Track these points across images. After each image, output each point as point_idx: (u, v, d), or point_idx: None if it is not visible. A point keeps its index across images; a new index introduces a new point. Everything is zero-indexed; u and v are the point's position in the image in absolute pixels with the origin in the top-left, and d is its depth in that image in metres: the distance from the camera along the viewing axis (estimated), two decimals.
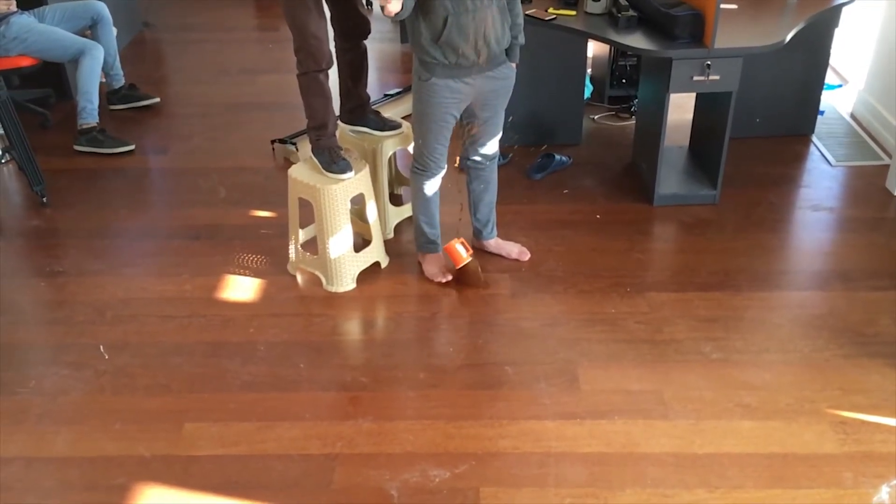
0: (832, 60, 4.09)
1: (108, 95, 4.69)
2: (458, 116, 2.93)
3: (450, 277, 3.18)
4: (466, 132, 3.04)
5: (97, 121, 4.24)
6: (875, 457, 2.38)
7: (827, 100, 4.40)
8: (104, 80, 4.65)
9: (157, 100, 4.76)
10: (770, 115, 4.12)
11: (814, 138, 4.15)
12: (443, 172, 3.07)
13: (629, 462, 2.39)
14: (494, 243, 3.32)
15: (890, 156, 3.89)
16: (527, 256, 3.31)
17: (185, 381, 2.75)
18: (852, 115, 4.37)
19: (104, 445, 2.50)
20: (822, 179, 3.83)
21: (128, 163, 4.20)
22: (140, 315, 3.07)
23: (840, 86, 4.67)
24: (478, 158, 3.11)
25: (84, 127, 4.22)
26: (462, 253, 3.10)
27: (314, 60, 2.89)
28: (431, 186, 3.08)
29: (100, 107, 4.30)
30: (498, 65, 2.84)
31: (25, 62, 4.12)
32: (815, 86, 4.08)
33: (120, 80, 4.67)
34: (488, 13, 2.67)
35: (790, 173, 3.90)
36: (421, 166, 3.03)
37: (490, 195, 3.22)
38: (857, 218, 3.53)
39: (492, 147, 3.09)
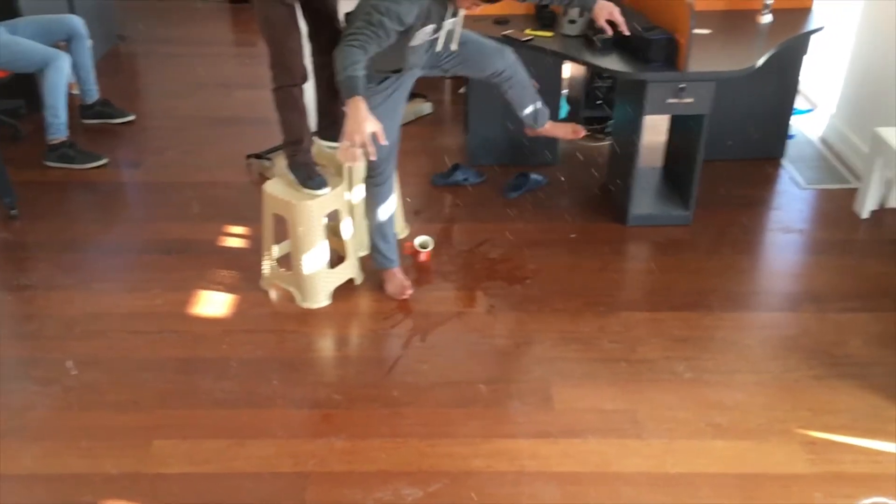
0: (801, 86, 4.17)
1: (82, 110, 4.64)
2: (403, 106, 2.96)
3: (410, 293, 3.19)
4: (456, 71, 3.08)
5: (66, 135, 4.17)
6: (845, 477, 2.40)
7: (797, 124, 4.48)
8: (77, 92, 4.61)
9: (132, 117, 4.72)
10: (742, 138, 4.17)
11: (784, 161, 4.22)
12: (392, 180, 3.06)
13: (602, 481, 2.39)
14: (549, 127, 3.37)
15: (858, 179, 3.96)
16: (582, 133, 3.39)
17: (155, 397, 2.71)
18: (822, 140, 4.44)
19: (71, 462, 2.46)
20: (792, 202, 3.89)
21: (100, 176, 4.15)
22: (110, 330, 3.02)
23: (810, 110, 4.75)
24: (499, 76, 3.09)
25: (53, 143, 4.16)
26: (418, 252, 3.40)
27: (289, 74, 2.88)
28: (384, 196, 3.05)
29: (73, 119, 4.24)
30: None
31: None
32: (786, 110, 4.14)
33: (93, 96, 4.62)
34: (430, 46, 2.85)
35: (761, 195, 3.95)
36: (371, 173, 3.01)
37: (528, 88, 3.21)
38: (826, 240, 3.59)
39: (502, 59, 3.06)
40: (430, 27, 2.71)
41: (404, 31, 2.62)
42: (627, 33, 3.07)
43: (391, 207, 3.11)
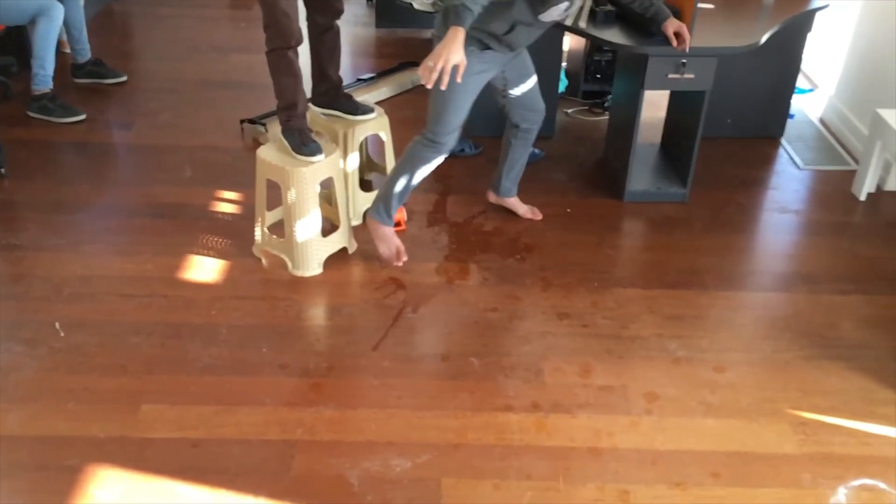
0: (803, 65, 4.13)
1: (74, 69, 4.57)
2: (477, 93, 2.97)
3: (405, 259, 3.15)
4: (505, 100, 3.21)
5: (50, 87, 4.14)
6: (834, 458, 2.40)
7: (797, 104, 4.44)
8: (69, 51, 4.53)
9: (125, 78, 4.65)
10: (741, 117, 4.14)
11: (783, 141, 4.19)
12: (445, 155, 3.03)
13: (591, 457, 2.39)
14: (514, 201, 3.50)
15: (857, 161, 3.94)
16: (539, 216, 3.50)
17: (144, 361, 2.69)
18: (821, 120, 4.42)
19: (57, 425, 2.44)
20: (790, 182, 3.87)
21: (91, 136, 4.10)
22: (99, 293, 2.99)
23: (811, 90, 4.71)
24: (527, 125, 3.27)
25: (36, 94, 4.13)
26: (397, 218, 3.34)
27: (282, 37, 2.83)
28: (431, 162, 3.02)
29: (64, 78, 4.18)
30: None
31: None
32: (787, 89, 4.11)
33: (86, 55, 4.54)
34: (542, 29, 2.95)
35: (759, 175, 3.93)
36: (434, 139, 2.96)
37: (526, 156, 3.42)
38: (822, 221, 3.57)
39: (540, 112, 3.27)
40: (564, 5, 2.77)
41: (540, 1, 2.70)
42: (686, 49, 3.13)
43: (425, 176, 3.07)
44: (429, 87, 2.54)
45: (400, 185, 3.06)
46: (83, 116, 4.19)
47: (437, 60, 2.48)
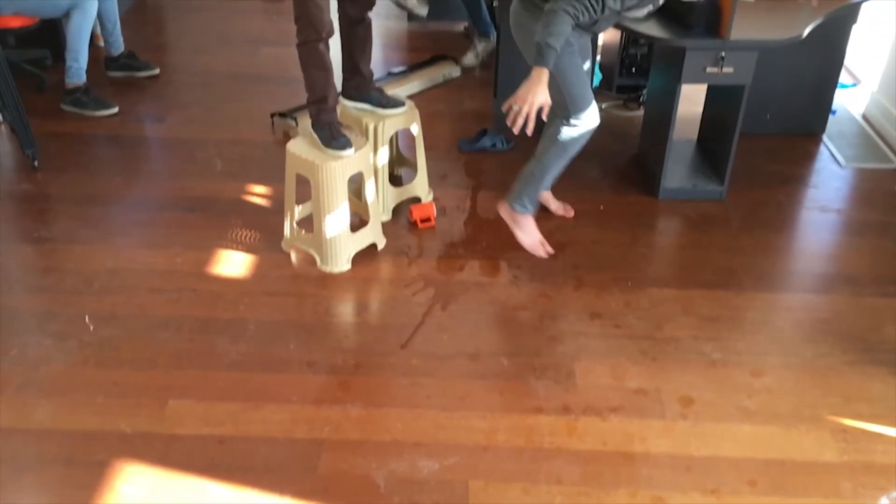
0: (847, 59, 4.01)
1: (107, 62, 4.59)
2: (581, 62, 2.95)
3: (551, 251, 3.15)
4: None
5: (83, 80, 4.16)
6: (875, 467, 2.32)
7: (839, 99, 4.32)
8: (102, 44, 4.55)
9: (157, 71, 4.66)
10: (781, 112, 4.03)
11: (824, 138, 4.07)
12: (588, 132, 3.02)
13: (623, 461, 2.33)
14: (548, 195, 3.41)
15: None
16: (571, 213, 3.41)
17: (172, 356, 2.68)
18: (864, 116, 4.29)
19: (85, 419, 2.44)
20: (831, 180, 3.76)
21: (123, 129, 4.11)
22: (128, 286, 2.99)
23: (853, 85, 4.58)
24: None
25: (69, 87, 4.15)
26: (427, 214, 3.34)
27: (314, 29, 2.80)
28: (573, 142, 3.00)
29: (98, 71, 4.19)
30: None
31: (18, 22, 4.03)
32: (829, 84, 3.99)
33: (119, 47, 4.56)
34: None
35: (799, 172, 3.83)
36: (566, 112, 2.95)
37: None
38: (865, 221, 3.46)
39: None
40: (647, 8, 2.82)
41: (619, 11, 2.70)
42: None
43: (569, 158, 3.06)
44: (515, 131, 2.58)
45: (544, 171, 3.05)
46: (116, 109, 4.21)
47: (523, 105, 2.54)
